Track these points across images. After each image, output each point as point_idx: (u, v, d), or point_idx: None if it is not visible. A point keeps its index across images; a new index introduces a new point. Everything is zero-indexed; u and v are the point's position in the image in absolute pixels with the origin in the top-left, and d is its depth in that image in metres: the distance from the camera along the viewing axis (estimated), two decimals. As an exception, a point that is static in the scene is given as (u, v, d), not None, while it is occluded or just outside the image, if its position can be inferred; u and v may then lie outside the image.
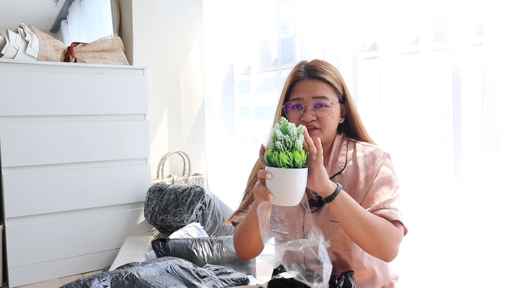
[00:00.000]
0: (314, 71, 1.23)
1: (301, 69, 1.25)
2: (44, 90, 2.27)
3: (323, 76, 1.22)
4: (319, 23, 2.06)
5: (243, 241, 1.22)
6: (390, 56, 1.77)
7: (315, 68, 1.24)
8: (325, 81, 1.22)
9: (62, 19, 3.13)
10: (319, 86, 1.22)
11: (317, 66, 1.24)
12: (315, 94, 1.21)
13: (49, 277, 2.34)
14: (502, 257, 1.49)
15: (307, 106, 1.20)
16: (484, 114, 1.49)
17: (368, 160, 1.21)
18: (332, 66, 1.27)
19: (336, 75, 1.25)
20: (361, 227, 1.08)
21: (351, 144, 1.27)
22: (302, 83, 1.23)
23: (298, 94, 1.23)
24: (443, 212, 1.67)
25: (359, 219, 1.08)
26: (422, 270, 1.72)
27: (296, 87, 1.24)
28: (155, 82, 2.82)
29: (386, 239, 1.10)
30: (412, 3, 1.70)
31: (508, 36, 1.42)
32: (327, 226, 1.20)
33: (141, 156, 2.59)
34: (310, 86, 1.22)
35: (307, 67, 1.25)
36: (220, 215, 2.41)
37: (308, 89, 1.22)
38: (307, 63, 1.27)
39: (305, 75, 1.24)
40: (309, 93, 1.21)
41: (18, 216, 2.24)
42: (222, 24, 2.80)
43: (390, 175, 1.19)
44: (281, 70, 2.39)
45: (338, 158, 1.25)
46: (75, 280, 1.46)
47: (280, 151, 0.99)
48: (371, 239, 1.09)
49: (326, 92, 1.22)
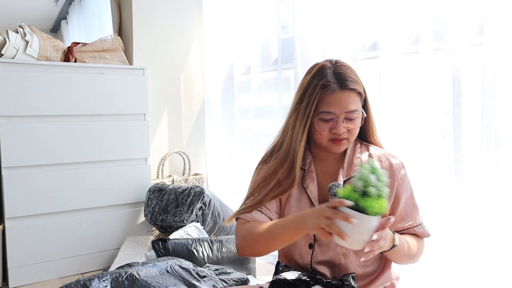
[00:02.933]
0: (345, 81, 1.17)
1: (330, 78, 1.17)
2: (44, 90, 2.27)
3: (354, 87, 1.17)
4: (319, 23, 2.06)
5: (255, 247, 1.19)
6: (390, 56, 1.77)
7: (345, 77, 1.17)
8: (356, 92, 1.18)
9: (62, 19, 3.13)
10: (351, 99, 1.17)
11: (346, 75, 1.18)
12: (348, 109, 1.16)
13: (49, 277, 2.34)
14: (502, 257, 1.49)
15: (339, 120, 1.16)
16: (484, 114, 1.48)
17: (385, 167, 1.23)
18: (356, 72, 1.22)
19: (360, 80, 1.22)
20: (406, 259, 1.23)
21: (364, 147, 1.28)
22: (334, 95, 1.16)
23: (330, 108, 1.16)
24: (443, 212, 1.67)
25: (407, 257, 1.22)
26: (422, 270, 1.72)
27: (328, 98, 1.16)
28: (155, 82, 2.82)
29: (418, 256, 1.27)
30: (412, 3, 1.69)
31: (508, 36, 1.42)
32: None
33: (141, 156, 2.59)
34: (344, 99, 1.16)
35: (337, 75, 1.17)
36: (220, 215, 2.41)
37: (341, 103, 1.16)
38: (334, 69, 1.19)
39: (337, 86, 1.16)
40: (343, 108, 1.16)
41: (18, 216, 2.24)
42: (222, 24, 2.80)
43: (411, 188, 1.28)
44: (281, 70, 2.39)
45: (354, 160, 1.25)
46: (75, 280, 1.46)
47: (373, 199, 0.96)
48: (409, 261, 1.25)
49: (357, 104, 1.18)
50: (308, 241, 1.23)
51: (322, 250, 1.22)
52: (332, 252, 1.21)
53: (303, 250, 1.24)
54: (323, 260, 1.22)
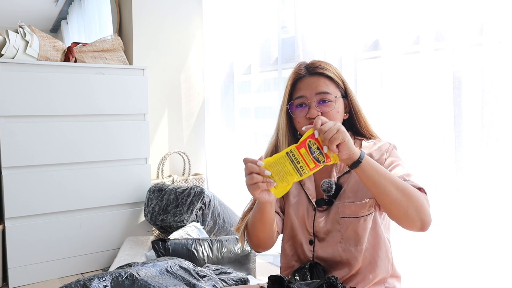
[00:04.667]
0: (314, 68, 1.25)
1: (301, 68, 1.27)
2: (44, 90, 2.27)
3: (323, 72, 1.24)
4: (320, 23, 2.06)
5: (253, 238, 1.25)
6: (391, 55, 1.77)
7: (315, 65, 1.26)
8: (326, 76, 1.23)
9: (62, 19, 3.13)
10: (321, 81, 1.23)
11: (316, 63, 1.26)
12: (318, 90, 1.21)
13: (49, 277, 2.33)
14: (502, 257, 1.49)
15: (311, 103, 1.21)
16: (484, 114, 1.48)
17: (375, 154, 1.22)
18: (331, 64, 1.28)
19: (336, 71, 1.27)
20: (396, 189, 1.05)
21: (358, 142, 1.27)
22: (303, 81, 1.24)
23: (301, 92, 1.23)
24: (444, 212, 1.67)
25: (392, 181, 1.05)
26: (423, 269, 1.72)
27: (298, 85, 1.25)
28: (155, 82, 2.82)
29: (421, 201, 1.07)
30: (413, 3, 1.70)
31: (508, 36, 1.42)
32: (339, 223, 1.21)
33: (141, 156, 2.59)
34: (312, 82, 1.23)
35: (307, 65, 1.27)
36: (220, 215, 2.41)
37: (310, 86, 1.22)
38: (307, 63, 1.29)
39: (306, 72, 1.25)
40: (312, 90, 1.21)
41: (18, 216, 2.24)
42: (222, 24, 2.80)
43: (398, 162, 1.20)
44: (282, 70, 2.39)
45: None
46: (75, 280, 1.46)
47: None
48: (408, 200, 1.05)
49: (328, 87, 1.22)
50: (308, 238, 1.25)
51: (322, 246, 1.23)
52: (332, 248, 1.22)
53: (304, 247, 1.26)
54: (325, 257, 1.23)
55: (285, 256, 1.33)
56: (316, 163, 1.02)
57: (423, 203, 1.07)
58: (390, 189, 1.05)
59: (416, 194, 1.08)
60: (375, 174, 1.05)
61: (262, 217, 1.17)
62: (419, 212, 1.06)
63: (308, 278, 1.20)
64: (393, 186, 1.05)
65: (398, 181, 1.07)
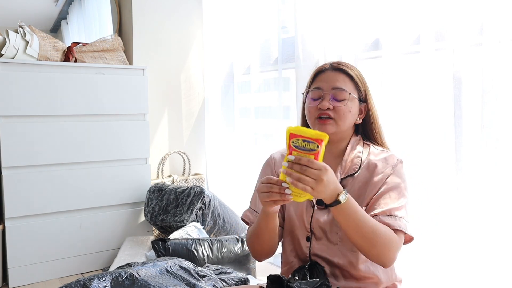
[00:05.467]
0: (338, 64, 1.27)
1: (327, 63, 1.30)
2: (44, 90, 2.27)
3: (346, 69, 1.26)
4: (320, 22, 2.06)
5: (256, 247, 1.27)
6: (392, 55, 1.77)
7: (340, 62, 1.28)
8: (347, 74, 1.25)
9: (62, 19, 3.12)
10: (340, 78, 1.24)
11: (342, 62, 1.29)
12: (335, 85, 1.22)
13: (49, 277, 2.33)
14: (503, 257, 1.49)
15: (325, 95, 1.22)
16: (484, 114, 1.48)
17: (380, 165, 1.20)
18: (357, 68, 1.30)
19: (360, 75, 1.28)
20: (360, 237, 1.08)
21: (366, 147, 1.26)
22: (324, 74, 1.26)
23: (319, 83, 1.25)
24: (444, 212, 1.67)
25: (358, 230, 1.08)
26: (424, 271, 1.72)
27: (319, 77, 1.27)
28: (155, 82, 2.82)
29: (385, 249, 1.10)
30: (413, 3, 1.69)
31: (508, 36, 1.42)
32: (336, 225, 1.21)
33: (141, 156, 2.59)
34: (332, 76, 1.24)
35: (333, 62, 1.29)
36: (220, 215, 2.41)
37: (329, 79, 1.24)
38: (333, 61, 1.31)
39: (329, 67, 1.27)
40: (329, 83, 1.23)
41: (18, 216, 2.24)
42: (222, 24, 2.79)
43: (399, 183, 1.19)
44: (282, 70, 2.39)
45: (354, 159, 1.24)
46: (75, 280, 1.46)
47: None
48: (370, 248, 1.10)
49: (346, 84, 1.23)
50: (305, 234, 1.25)
51: (319, 244, 1.23)
52: (329, 249, 1.22)
53: (301, 243, 1.26)
54: (321, 256, 1.23)
55: (284, 251, 1.34)
56: (312, 152, 1.00)
57: (387, 251, 1.10)
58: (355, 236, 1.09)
59: (383, 242, 1.09)
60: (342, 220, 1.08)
61: (267, 225, 1.18)
62: (379, 257, 1.11)
63: (307, 278, 1.20)
64: (358, 234, 1.08)
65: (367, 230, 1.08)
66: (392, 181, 1.18)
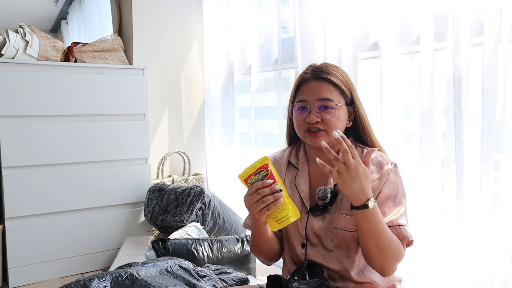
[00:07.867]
0: (320, 72, 1.22)
1: (308, 71, 1.25)
2: (44, 90, 2.27)
3: (328, 77, 1.20)
4: (320, 23, 2.06)
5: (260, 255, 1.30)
6: (391, 55, 1.77)
7: (321, 69, 1.23)
8: (330, 82, 1.20)
9: (62, 19, 3.12)
10: (324, 87, 1.20)
11: (323, 68, 1.23)
12: (320, 96, 1.19)
13: (49, 277, 2.33)
14: (503, 257, 1.49)
15: (312, 108, 1.19)
16: (484, 114, 1.48)
17: (374, 170, 1.19)
18: (341, 69, 1.26)
19: (344, 77, 1.23)
20: (374, 244, 1.09)
21: (359, 150, 1.24)
22: (307, 85, 1.22)
23: (303, 95, 1.21)
24: (444, 212, 1.67)
25: (376, 236, 1.09)
26: (423, 271, 1.72)
27: (302, 88, 1.23)
28: (155, 82, 2.82)
29: (392, 260, 1.12)
30: (413, 3, 1.69)
31: (508, 36, 1.42)
32: (331, 232, 1.20)
33: (141, 156, 2.59)
34: (315, 87, 1.20)
35: (314, 69, 1.24)
36: (220, 215, 2.41)
37: (313, 91, 1.20)
38: (315, 65, 1.26)
39: (311, 76, 1.22)
40: (314, 95, 1.19)
41: (18, 216, 2.24)
42: (222, 24, 2.80)
43: (397, 189, 1.18)
44: (282, 70, 2.39)
45: None
46: (75, 280, 1.46)
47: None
48: (379, 256, 1.11)
49: (331, 93, 1.19)
50: (300, 241, 1.25)
51: (314, 251, 1.23)
52: (324, 256, 1.21)
53: (297, 249, 1.26)
54: (317, 261, 1.23)
55: (283, 256, 1.34)
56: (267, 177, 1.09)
57: (392, 262, 1.12)
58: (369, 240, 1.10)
59: (392, 253, 1.11)
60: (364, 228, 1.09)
61: (262, 237, 1.20)
62: (384, 267, 1.12)
63: (307, 277, 1.20)
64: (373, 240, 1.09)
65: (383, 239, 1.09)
66: (390, 189, 1.18)
